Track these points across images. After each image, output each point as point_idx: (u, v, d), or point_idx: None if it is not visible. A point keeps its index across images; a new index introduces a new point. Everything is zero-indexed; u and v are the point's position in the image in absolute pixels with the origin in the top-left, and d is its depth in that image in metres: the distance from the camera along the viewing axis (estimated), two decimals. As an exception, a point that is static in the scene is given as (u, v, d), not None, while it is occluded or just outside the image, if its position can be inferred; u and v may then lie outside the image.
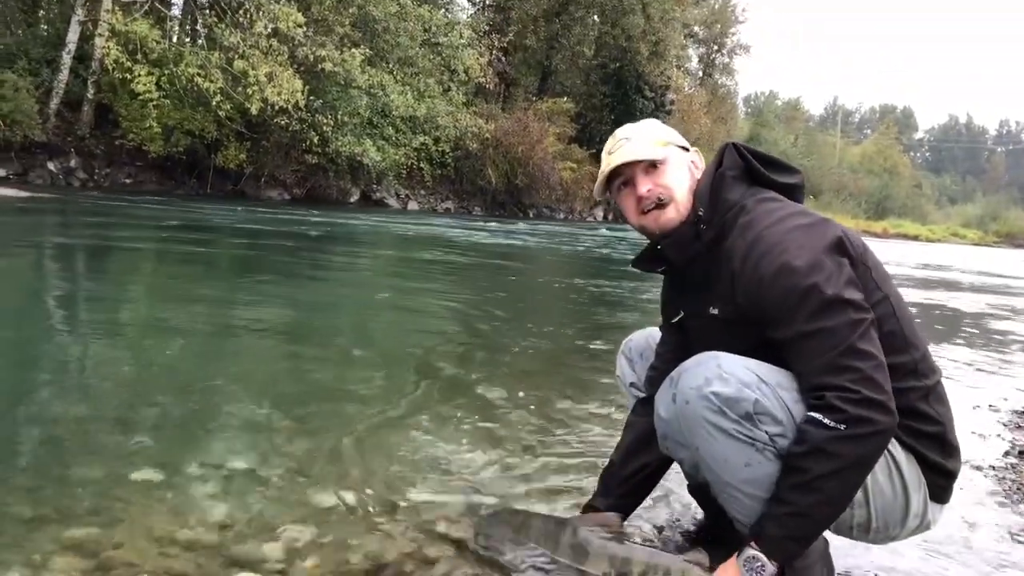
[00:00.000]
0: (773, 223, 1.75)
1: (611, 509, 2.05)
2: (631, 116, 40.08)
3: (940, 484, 1.77)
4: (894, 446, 1.68)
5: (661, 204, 1.88)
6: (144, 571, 1.80)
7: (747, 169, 1.88)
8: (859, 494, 1.66)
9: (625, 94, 41.24)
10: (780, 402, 1.65)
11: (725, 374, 1.66)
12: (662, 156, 1.88)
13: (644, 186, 1.88)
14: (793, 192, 1.90)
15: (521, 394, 3.72)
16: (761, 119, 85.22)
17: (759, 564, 1.64)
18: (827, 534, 1.78)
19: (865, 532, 1.75)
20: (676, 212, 1.87)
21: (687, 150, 1.98)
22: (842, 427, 1.55)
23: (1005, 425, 3.92)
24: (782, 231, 1.72)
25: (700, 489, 2.07)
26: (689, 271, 1.91)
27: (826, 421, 1.56)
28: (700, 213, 1.85)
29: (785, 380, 1.68)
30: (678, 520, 2.36)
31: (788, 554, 1.66)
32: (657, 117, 42.54)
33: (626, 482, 2.09)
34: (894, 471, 1.68)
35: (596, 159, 38.40)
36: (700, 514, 2.35)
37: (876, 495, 1.68)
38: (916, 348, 1.73)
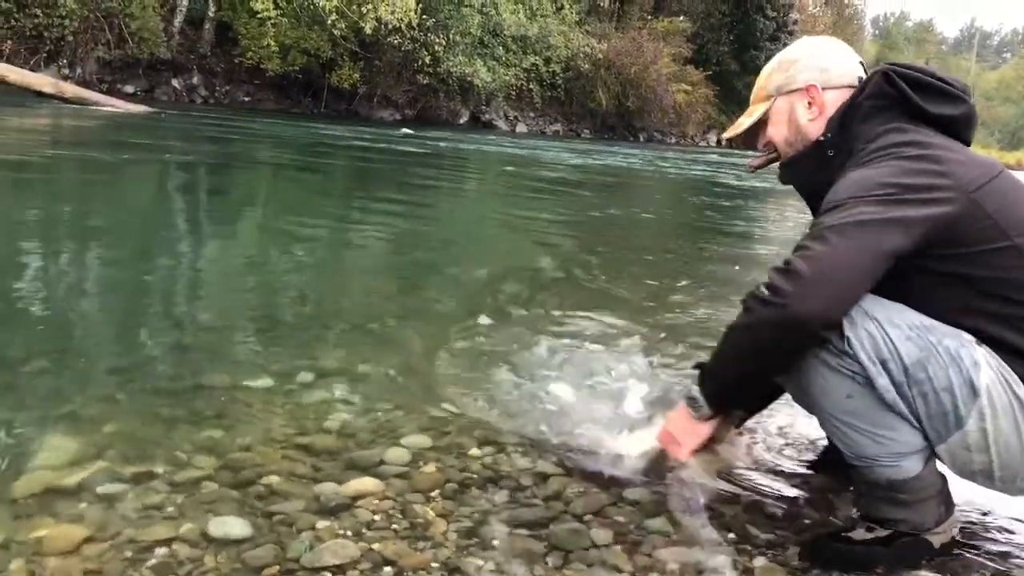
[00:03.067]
0: (870, 161, 1.68)
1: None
2: (751, 37, 38.72)
3: None
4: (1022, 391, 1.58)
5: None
6: (269, 472, 1.88)
7: (900, 98, 1.74)
8: (979, 438, 1.58)
9: (745, 13, 39.61)
10: (884, 339, 1.58)
11: None
12: (757, 118, 1.96)
13: (760, 143, 2.00)
14: (953, 124, 1.73)
15: (630, 322, 3.69)
16: (889, 42, 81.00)
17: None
18: (952, 476, 1.72)
19: (989, 479, 1.65)
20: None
21: (795, 90, 1.89)
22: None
23: None
24: (870, 171, 1.65)
25: None
26: (816, 196, 1.85)
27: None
28: (827, 136, 1.80)
29: (896, 315, 1.60)
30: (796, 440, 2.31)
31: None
32: (778, 38, 41.14)
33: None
34: (1021, 418, 1.58)
35: (712, 81, 37.31)
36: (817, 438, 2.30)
37: (998, 440, 1.58)
38: None
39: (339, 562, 1.52)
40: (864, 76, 1.87)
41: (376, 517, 1.71)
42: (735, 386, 1.84)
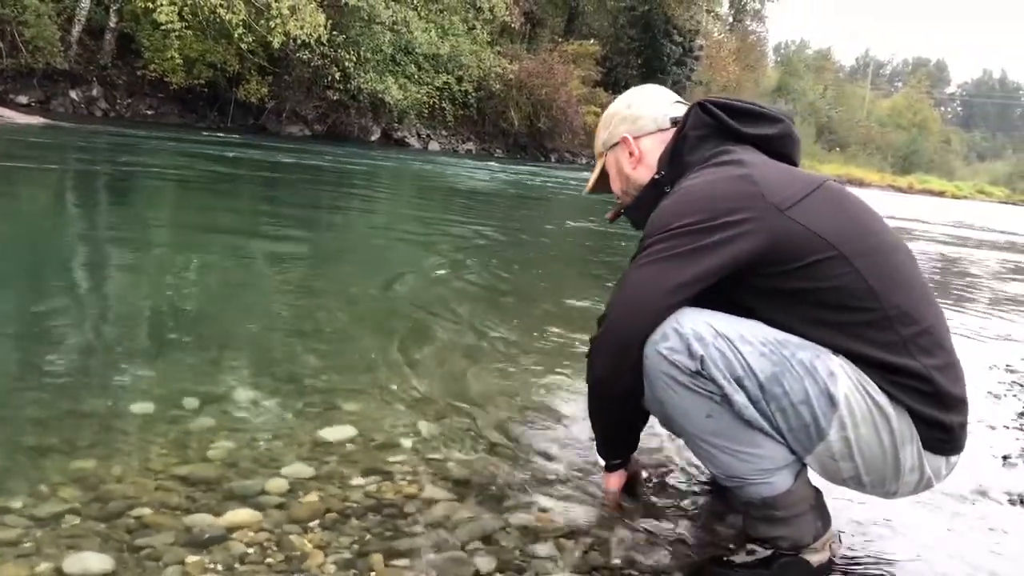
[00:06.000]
0: (697, 179, 1.76)
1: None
2: (658, 61, 39.61)
3: (938, 437, 1.65)
4: (882, 398, 1.62)
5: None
6: (141, 504, 1.80)
7: (719, 127, 1.84)
8: (842, 447, 1.62)
9: (653, 38, 40.56)
10: (736, 356, 1.61)
11: (681, 328, 1.63)
12: (597, 175, 2.16)
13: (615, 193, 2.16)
14: (772, 142, 1.85)
15: (534, 333, 3.70)
16: (790, 68, 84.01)
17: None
18: (828, 486, 1.77)
19: (860, 485, 1.71)
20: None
21: (616, 144, 2.07)
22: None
23: (1022, 386, 3.87)
24: (695, 183, 1.74)
25: None
26: None
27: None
28: (661, 174, 1.91)
29: (748, 332, 1.64)
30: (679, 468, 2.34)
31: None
32: (684, 63, 42.09)
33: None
34: (881, 424, 1.62)
35: (620, 104, 37.90)
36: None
37: (861, 448, 1.62)
38: (885, 299, 1.61)
39: (206, 599, 1.46)
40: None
41: (250, 550, 1.65)
42: (609, 439, 1.99)
